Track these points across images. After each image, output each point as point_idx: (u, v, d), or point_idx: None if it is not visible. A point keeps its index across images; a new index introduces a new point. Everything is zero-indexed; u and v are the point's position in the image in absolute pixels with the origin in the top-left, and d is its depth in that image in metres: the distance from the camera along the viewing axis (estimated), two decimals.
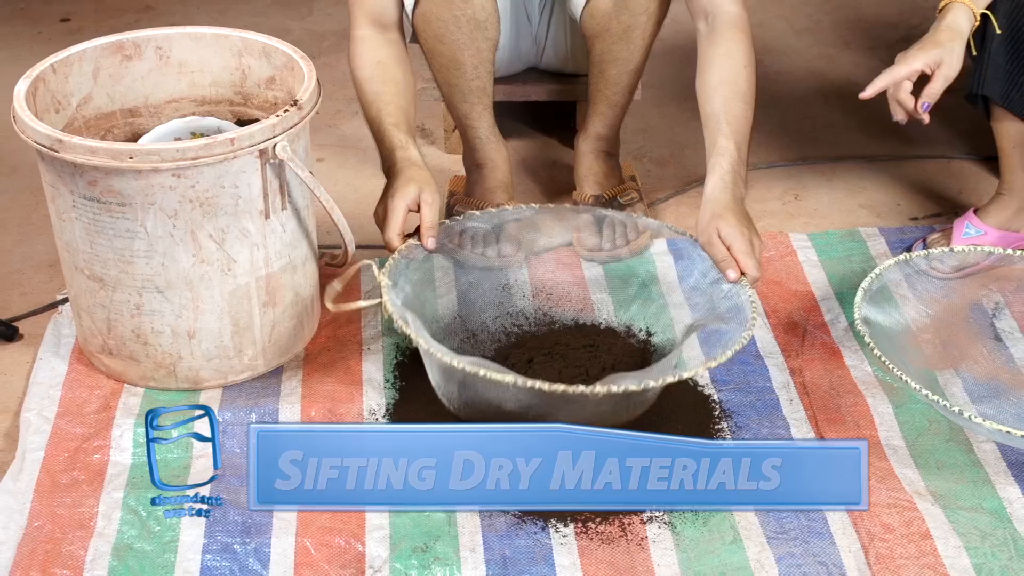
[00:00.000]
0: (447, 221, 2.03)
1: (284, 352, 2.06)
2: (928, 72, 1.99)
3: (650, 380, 1.72)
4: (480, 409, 1.81)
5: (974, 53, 2.09)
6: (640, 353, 2.06)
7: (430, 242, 1.91)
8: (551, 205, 2.19)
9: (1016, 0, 2.11)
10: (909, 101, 2.00)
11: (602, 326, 2.12)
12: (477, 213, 2.08)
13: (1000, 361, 2.08)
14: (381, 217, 1.92)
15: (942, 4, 2.06)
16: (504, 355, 2.03)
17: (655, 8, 2.16)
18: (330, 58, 2.79)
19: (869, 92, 2.01)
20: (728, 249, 1.87)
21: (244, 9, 3.25)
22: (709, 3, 2.08)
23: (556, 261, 2.17)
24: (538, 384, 1.66)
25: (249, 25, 2.19)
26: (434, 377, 1.85)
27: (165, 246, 1.87)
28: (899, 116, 2.04)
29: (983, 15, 2.05)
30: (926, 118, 2.03)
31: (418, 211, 1.92)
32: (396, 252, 1.90)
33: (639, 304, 2.13)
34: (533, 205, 2.10)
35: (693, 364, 1.91)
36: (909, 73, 1.99)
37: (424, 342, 1.75)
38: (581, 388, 1.67)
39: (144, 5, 3.25)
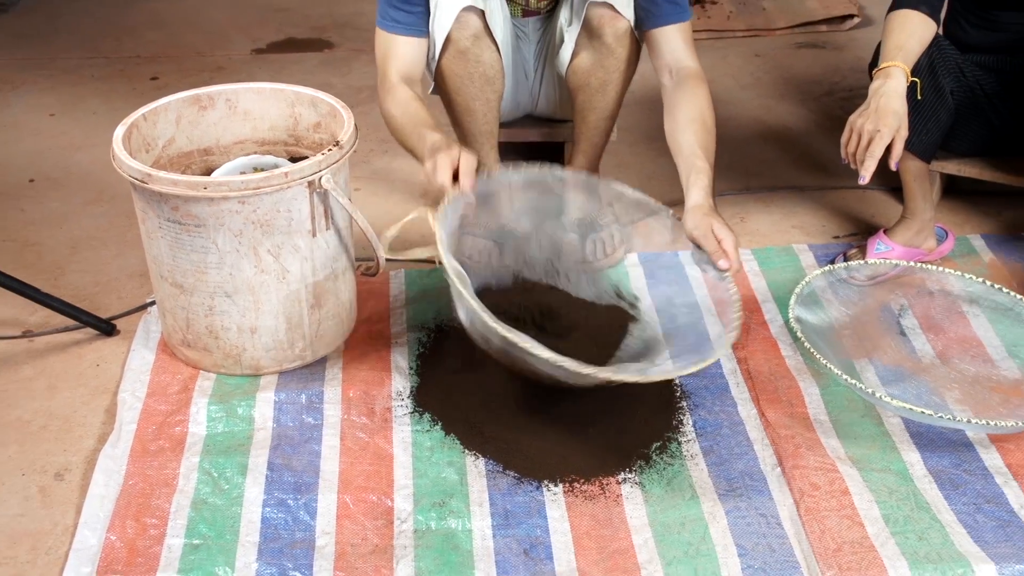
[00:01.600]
0: (484, 173, 1.96)
1: (328, 345, 2.05)
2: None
3: (658, 372, 1.73)
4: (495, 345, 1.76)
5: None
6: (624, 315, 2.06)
7: (466, 183, 1.79)
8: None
9: (913, 66, 2.11)
10: (871, 165, 1.97)
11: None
12: (509, 167, 2.01)
13: (904, 352, 2.08)
14: (430, 171, 1.82)
15: (883, 66, 2.02)
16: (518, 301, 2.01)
17: (626, 67, 2.16)
18: (365, 107, 2.79)
19: (869, 176, 1.98)
20: (719, 242, 1.84)
21: (296, 68, 3.25)
22: (673, 61, 2.08)
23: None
24: (567, 363, 1.61)
25: (300, 81, 2.18)
26: (464, 319, 1.80)
27: (232, 259, 1.87)
28: (868, 178, 1.99)
29: (912, 82, 2.02)
30: (895, 168, 2.01)
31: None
32: (444, 200, 1.79)
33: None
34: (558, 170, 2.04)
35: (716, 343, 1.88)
36: (885, 147, 1.96)
37: (468, 295, 1.68)
38: (607, 374, 1.65)
39: (217, 66, 3.25)
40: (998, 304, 2.10)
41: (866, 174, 1.97)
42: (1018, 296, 2.07)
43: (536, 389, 1.82)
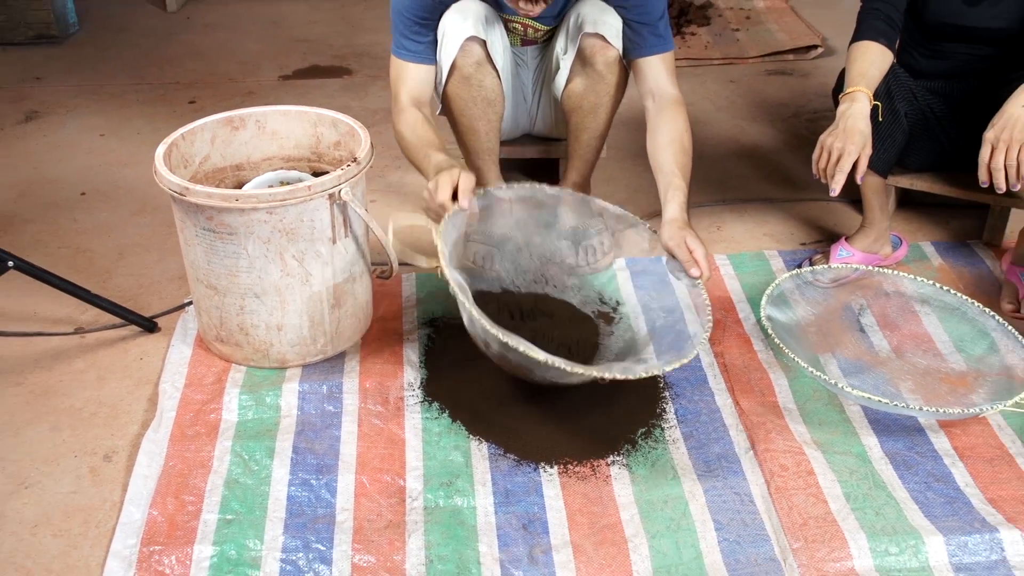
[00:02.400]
0: (480, 190, 1.96)
1: (346, 341, 2.05)
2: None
3: (642, 370, 1.71)
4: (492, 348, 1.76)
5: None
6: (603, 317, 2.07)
7: (465, 201, 1.79)
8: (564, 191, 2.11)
9: (874, 91, 2.11)
10: (840, 179, 1.96)
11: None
12: (503, 186, 2.03)
13: (864, 347, 2.07)
14: (433, 190, 1.81)
15: (848, 91, 2.02)
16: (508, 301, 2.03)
17: (615, 91, 2.16)
18: (380, 127, 2.79)
19: (839, 189, 1.98)
20: (691, 253, 1.84)
21: (318, 93, 3.25)
22: (656, 87, 2.08)
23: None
24: (560, 363, 1.61)
25: (322, 104, 2.18)
26: (466, 322, 1.79)
27: (261, 264, 1.86)
28: (838, 191, 1.99)
29: (874, 105, 2.02)
30: (860, 181, 2.00)
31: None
32: (445, 216, 1.79)
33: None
34: (549, 187, 2.03)
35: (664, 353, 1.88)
36: (852, 162, 1.96)
37: (469, 304, 1.68)
38: (595, 372, 1.64)
39: (248, 91, 3.25)
40: (946, 304, 2.10)
41: (836, 187, 1.97)
42: (964, 297, 2.07)
43: (534, 382, 1.82)
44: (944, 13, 2.16)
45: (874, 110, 2.03)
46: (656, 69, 2.08)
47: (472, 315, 1.66)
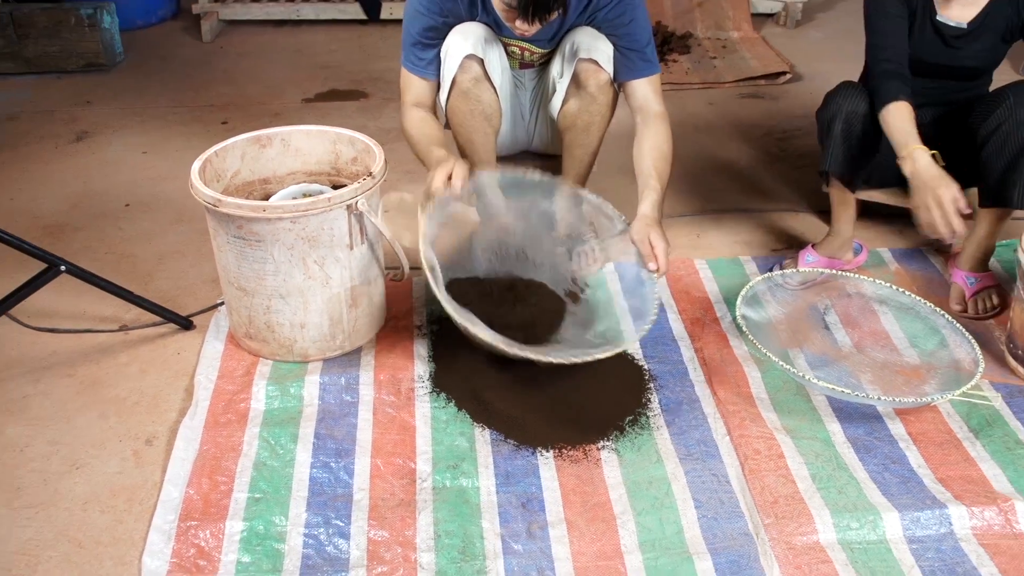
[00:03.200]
0: (474, 174, 1.97)
1: (362, 337, 2.04)
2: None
3: (576, 355, 1.74)
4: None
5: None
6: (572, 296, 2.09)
7: (457, 184, 1.83)
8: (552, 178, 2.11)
9: (849, 113, 2.10)
10: (958, 221, 1.86)
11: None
12: (494, 172, 2.03)
13: (828, 343, 2.07)
14: (430, 179, 1.86)
15: (904, 152, 1.95)
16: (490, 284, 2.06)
17: (606, 111, 2.16)
18: (393, 145, 2.78)
19: (963, 230, 1.86)
20: (652, 249, 1.87)
21: (337, 114, 3.25)
22: (644, 105, 2.10)
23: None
24: (528, 354, 1.63)
25: (340, 124, 2.17)
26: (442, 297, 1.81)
27: (286, 268, 1.86)
28: (964, 231, 1.87)
29: (932, 153, 1.95)
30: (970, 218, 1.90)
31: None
32: (436, 198, 1.83)
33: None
34: (539, 175, 2.03)
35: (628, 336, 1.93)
36: (956, 201, 1.86)
37: (435, 285, 1.74)
38: (530, 355, 1.68)
39: (274, 112, 3.25)
40: (902, 304, 2.10)
41: (960, 230, 1.86)
42: (917, 297, 2.07)
43: (531, 374, 1.81)
44: (926, 53, 2.14)
45: (933, 156, 1.95)
46: (645, 89, 2.10)
47: (437, 295, 1.69)
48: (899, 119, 2.01)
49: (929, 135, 2.20)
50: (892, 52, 2.08)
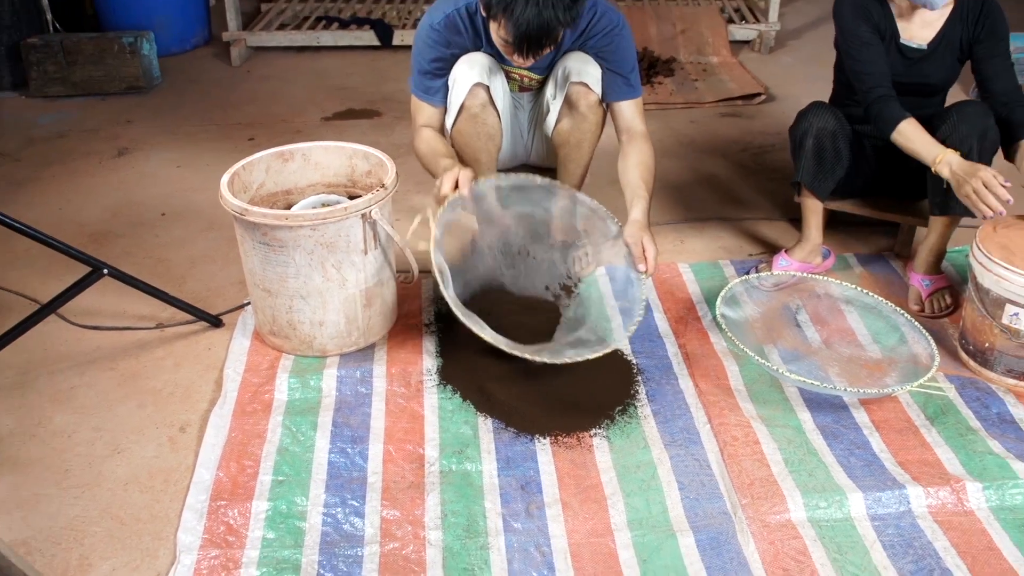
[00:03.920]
0: (481, 180, 1.96)
1: (376, 334, 2.04)
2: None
3: (570, 357, 1.75)
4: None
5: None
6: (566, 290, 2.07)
7: (464, 189, 1.84)
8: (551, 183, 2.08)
9: (819, 129, 2.10)
10: (1003, 191, 1.85)
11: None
12: (503, 176, 2.01)
13: (799, 339, 2.07)
14: (439, 185, 1.87)
15: (937, 160, 1.94)
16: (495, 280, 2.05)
17: (596, 129, 2.16)
18: (404, 159, 2.78)
19: (1010, 198, 1.84)
20: (643, 251, 1.88)
21: (353, 131, 3.24)
22: (628, 125, 2.11)
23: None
24: (526, 354, 1.64)
25: (356, 140, 2.18)
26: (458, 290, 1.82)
27: (306, 271, 1.86)
28: (997, 208, 1.85)
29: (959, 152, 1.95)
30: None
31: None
32: (444, 204, 1.83)
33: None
34: (541, 180, 2.02)
35: (617, 334, 1.90)
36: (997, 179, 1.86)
37: (444, 288, 1.74)
38: (528, 355, 1.70)
39: (296, 129, 3.25)
40: (866, 304, 2.09)
41: (1008, 197, 1.84)
42: (879, 298, 2.07)
43: (530, 368, 1.81)
44: (892, 72, 2.13)
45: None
46: (628, 111, 2.11)
47: (445, 296, 1.70)
48: (917, 133, 2.00)
49: (884, 152, 2.21)
50: (880, 77, 2.07)
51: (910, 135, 2.01)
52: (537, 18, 1.79)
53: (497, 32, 1.89)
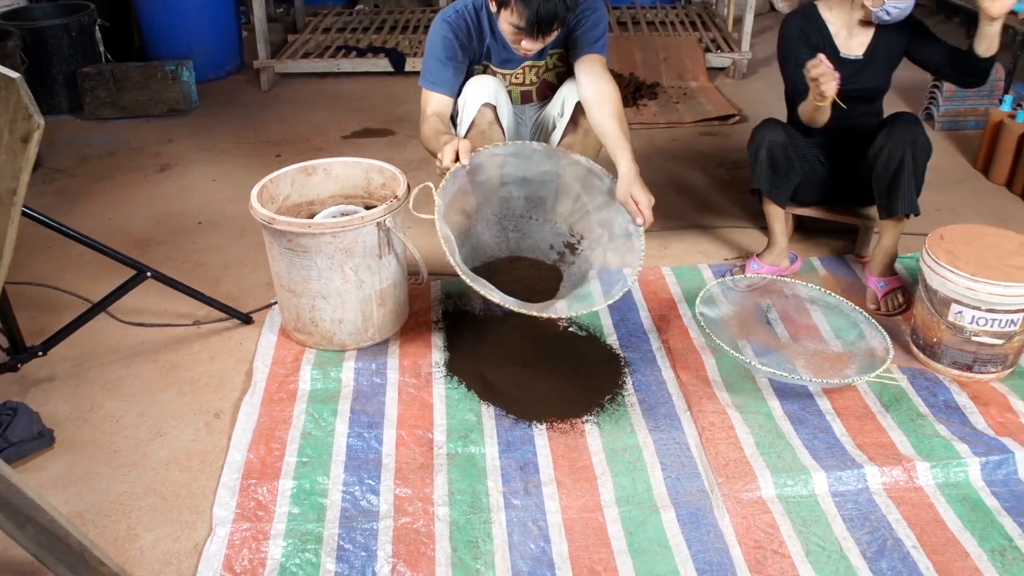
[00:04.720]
0: (481, 149, 1.91)
1: (390, 331, 2.04)
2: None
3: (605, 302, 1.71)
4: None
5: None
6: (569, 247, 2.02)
7: (464, 159, 1.79)
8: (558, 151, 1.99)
9: (771, 141, 2.10)
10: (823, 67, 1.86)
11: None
12: (499, 145, 1.95)
13: (769, 336, 2.06)
14: (441, 156, 1.82)
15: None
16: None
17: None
18: (416, 173, 2.78)
19: (833, 74, 1.86)
20: (637, 204, 1.82)
21: (369, 148, 3.24)
22: (599, 74, 1.98)
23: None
24: (523, 308, 1.62)
25: (372, 156, 2.18)
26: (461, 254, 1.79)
27: (327, 274, 1.86)
28: (832, 75, 1.86)
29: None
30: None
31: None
32: (447, 174, 1.79)
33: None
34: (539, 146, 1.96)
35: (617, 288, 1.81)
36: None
37: (450, 255, 1.68)
38: (534, 311, 1.65)
39: (318, 147, 3.24)
40: (828, 303, 2.09)
41: (832, 72, 1.87)
42: (841, 298, 2.06)
43: (529, 360, 1.80)
44: None
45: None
46: (594, 63, 1.99)
47: (452, 263, 1.66)
48: (805, 110, 2.06)
49: (835, 160, 2.22)
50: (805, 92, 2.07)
51: (802, 111, 2.09)
52: (547, 3, 1.80)
53: (508, 20, 1.87)
